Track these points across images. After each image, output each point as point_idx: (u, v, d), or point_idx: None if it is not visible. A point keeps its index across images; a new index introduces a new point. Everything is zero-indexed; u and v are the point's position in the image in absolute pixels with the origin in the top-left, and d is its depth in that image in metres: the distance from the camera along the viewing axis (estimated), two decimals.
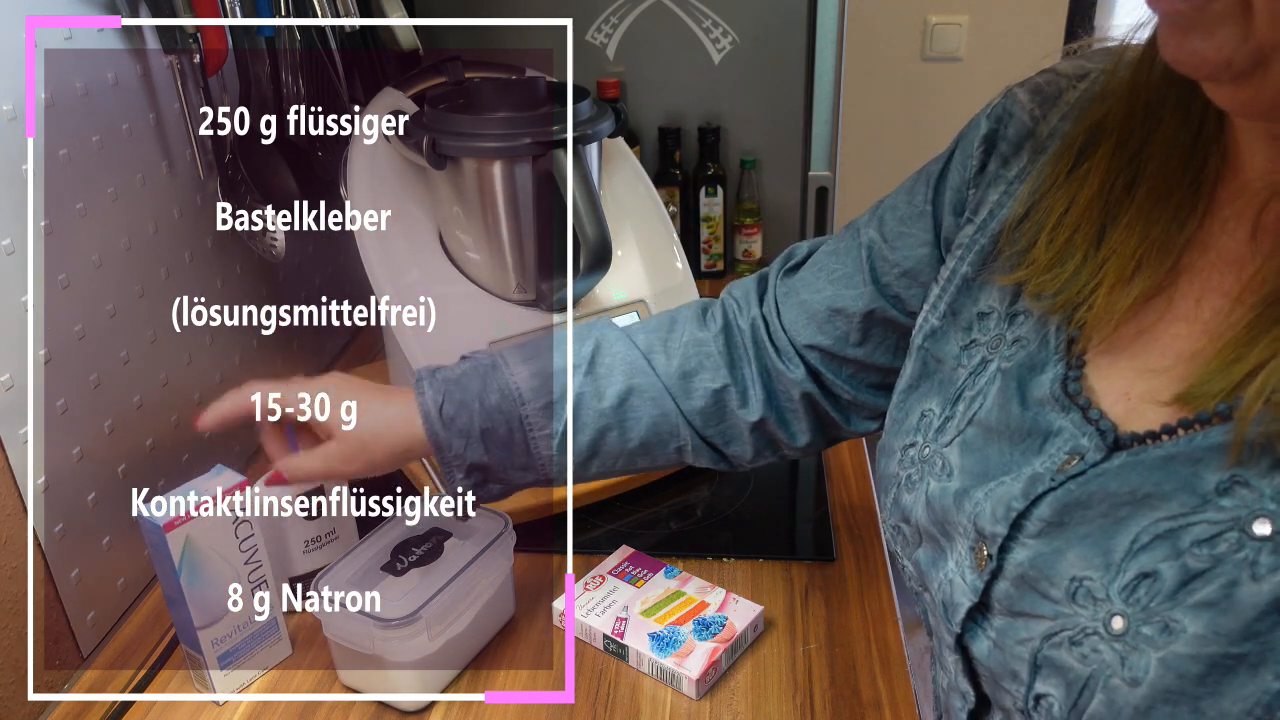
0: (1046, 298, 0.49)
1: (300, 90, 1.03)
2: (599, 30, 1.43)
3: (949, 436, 0.53)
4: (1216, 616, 0.38)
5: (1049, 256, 0.49)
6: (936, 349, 0.57)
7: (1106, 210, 0.48)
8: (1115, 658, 0.41)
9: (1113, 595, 0.42)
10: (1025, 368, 0.50)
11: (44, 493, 0.75)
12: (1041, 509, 0.46)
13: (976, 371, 0.53)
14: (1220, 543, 0.39)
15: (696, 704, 0.72)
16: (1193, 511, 0.40)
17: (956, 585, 0.50)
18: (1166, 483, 0.41)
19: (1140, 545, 0.41)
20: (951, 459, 0.52)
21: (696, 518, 0.95)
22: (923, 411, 0.56)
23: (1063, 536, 0.45)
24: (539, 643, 0.79)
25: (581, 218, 0.87)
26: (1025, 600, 0.46)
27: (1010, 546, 0.47)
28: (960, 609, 0.50)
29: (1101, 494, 0.44)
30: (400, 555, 0.75)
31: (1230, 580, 0.38)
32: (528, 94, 0.93)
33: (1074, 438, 0.46)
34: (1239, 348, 0.40)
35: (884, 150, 2.03)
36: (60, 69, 0.77)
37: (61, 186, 0.77)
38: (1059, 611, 0.44)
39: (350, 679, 0.75)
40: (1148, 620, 0.40)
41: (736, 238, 1.52)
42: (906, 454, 0.56)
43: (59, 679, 0.78)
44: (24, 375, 0.73)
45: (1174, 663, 0.39)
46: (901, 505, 0.56)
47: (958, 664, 0.52)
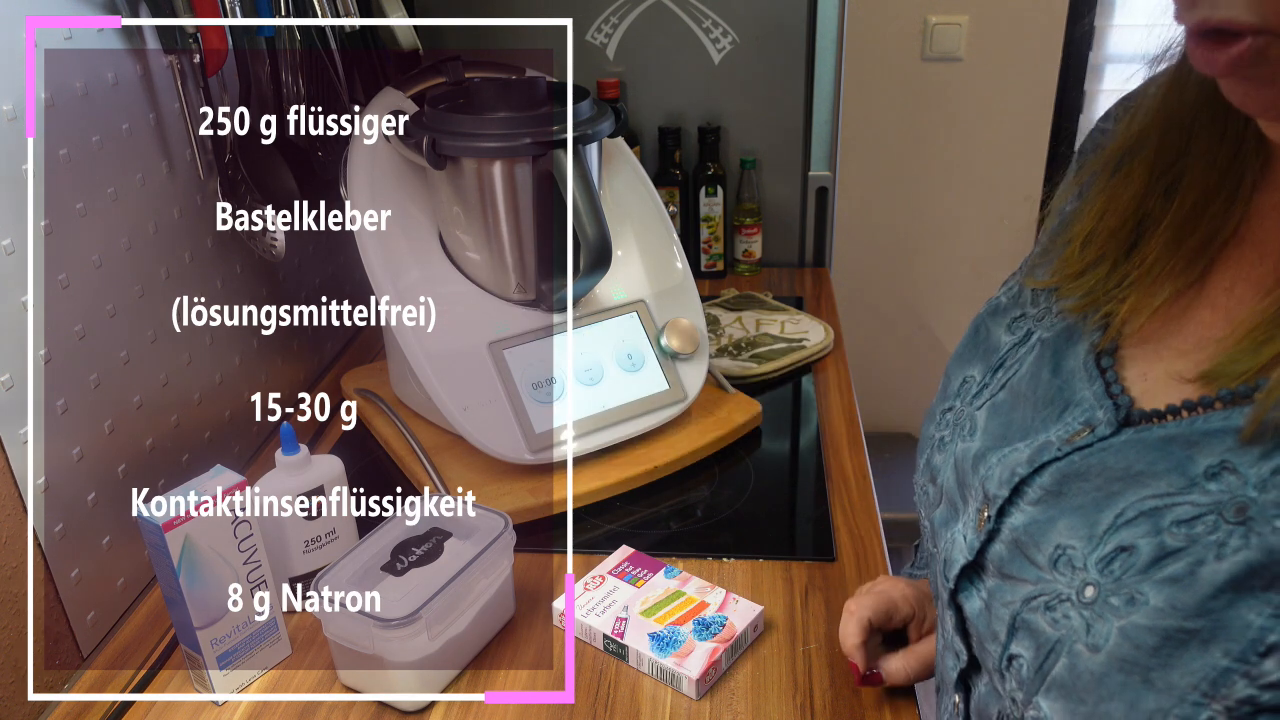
0: (1075, 299, 0.51)
1: (300, 90, 1.03)
2: (599, 30, 1.43)
3: (983, 400, 0.55)
4: (1177, 592, 0.39)
5: (1080, 264, 0.51)
6: (991, 321, 0.59)
7: (1141, 220, 0.49)
8: (1082, 624, 0.42)
9: (1090, 565, 0.43)
10: (1064, 338, 0.52)
11: (44, 493, 0.75)
12: (1044, 477, 0.47)
13: (1021, 342, 0.55)
14: (1198, 524, 0.40)
15: (696, 704, 0.72)
16: (1179, 492, 0.41)
17: (957, 544, 0.52)
18: (1160, 463, 0.42)
19: (1124, 520, 0.42)
20: (979, 420, 0.54)
21: (696, 518, 0.95)
22: (964, 378, 0.58)
23: (1057, 506, 0.46)
24: (539, 643, 0.79)
25: (581, 218, 0.87)
26: (1014, 564, 0.47)
27: (1009, 510, 0.48)
28: (955, 565, 0.52)
29: (1099, 468, 0.45)
30: (400, 555, 0.75)
31: (1198, 559, 0.39)
32: (528, 94, 0.93)
33: (1091, 409, 0.47)
34: (1269, 329, 0.41)
35: (884, 150, 2.04)
36: (60, 69, 0.77)
37: (61, 186, 0.77)
38: (1040, 577, 0.45)
39: (350, 679, 0.75)
40: (1116, 591, 0.41)
41: (736, 238, 1.52)
42: (945, 417, 0.58)
43: (59, 679, 0.78)
44: (24, 375, 0.73)
45: (1132, 632, 0.40)
46: (932, 466, 0.58)
47: (953, 622, 0.53)
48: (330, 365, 1.28)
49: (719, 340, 1.26)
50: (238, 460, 1.05)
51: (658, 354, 1.01)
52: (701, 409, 1.06)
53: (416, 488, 0.98)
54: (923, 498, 0.59)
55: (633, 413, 0.98)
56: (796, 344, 1.24)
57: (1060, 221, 0.56)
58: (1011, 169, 2.03)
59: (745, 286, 1.48)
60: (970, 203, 2.08)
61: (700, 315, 1.06)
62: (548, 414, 0.94)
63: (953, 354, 0.62)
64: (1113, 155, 0.52)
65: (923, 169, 2.05)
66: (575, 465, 0.95)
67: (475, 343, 0.94)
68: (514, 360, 0.94)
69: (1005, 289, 0.61)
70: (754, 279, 1.54)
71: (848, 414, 1.13)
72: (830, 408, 1.14)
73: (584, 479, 0.95)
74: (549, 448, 0.94)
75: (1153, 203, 0.49)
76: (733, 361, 1.21)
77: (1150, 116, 0.50)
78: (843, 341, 1.30)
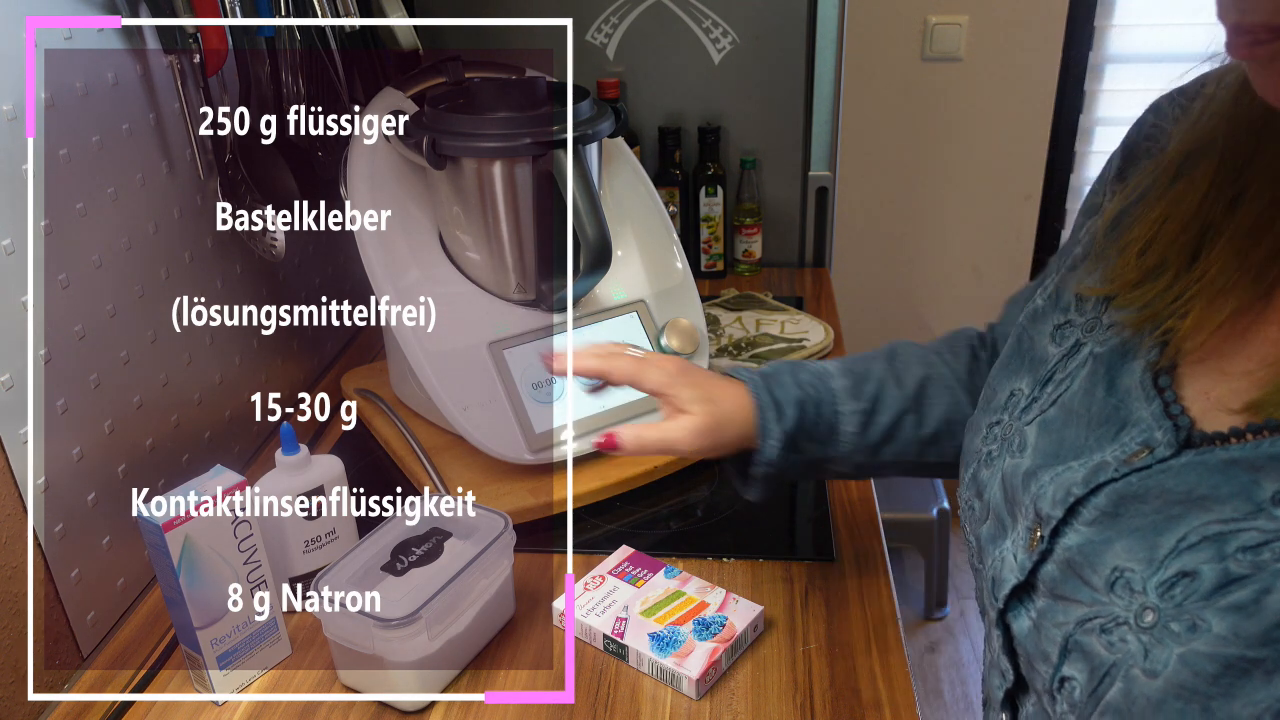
0: (1133, 311, 0.49)
1: (300, 90, 1.03)
2: (599, 30, 1.43)
3: (1032, 415, 0.54)
4: (1241, 620, 0.38)
5: (1139, 273, 0.49)
6: (1033, 328, 0.58)
7: (1204, 229, 0.47)
8: (1140, 649, 0.41)
9: (1149, 589, 0.42)
10: (1118, 354, 0.50)
11: (44, 493, 0.75)
12: (1100, 498, 0.46)
13: (1070, 354, 0.53)
14: (1265, 551, 0.38)
15: (696, 704, 0.72)
16: (1245, 518, 0.40)
17: (1007, 563, 0.51)
18: (1224, 486, 0.41)
19: (1187, 545, 0.41)
20: (1029, 437, 0.53)
21: (696, 518, 0.95)
22: (1012, 390, 0.57)
23: (1114, 527, 0.45)
24: (539, 643, 0.79)
25: (581, 218, 0.87)
26: (1068, 585, 0.46)
27: (1063, 531, 0.47)
28: (1006, 585, 0.51)
29: (1159, 490, 0.44)
30: (400, 555, 0.75)
31: (1264, 587, 0.38)
32: (528, 94, 0.93)
33: (1149, 430, 0.46)
34: None
35: (884, 150, 2.04)
36: (60, 69, 0.77)
37: (61, 186, 0.77)
38: (1096, 599, 0.44)
39: (350, 679, 0.75)
40: (1178, 617, 0.40)
41: (736, 238, 1.52)
42: (991, 431, 0.57)
43: (59, 679, 0.78)
44: (24, 375, 0.73)
45: (1192, 660, 0.39)
46: (979, 481, 0.56)
47: (1000, 641, 0.52)
48: (330, 365, 1.28)
49: (719, 340, 1.26)
50: (238, 460, 1.05)
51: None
52: None
53: (416, 488, 0.98)
54: (968, 513, 0.58)
55: (633, 413, 0.98)
56: (796, 344, 1.25)
57: (1113, 225, 0.53)
58: (1011, 169, 2.03)
59: (745, 286, 1.48)
60: (970, 203, 2.08)
61: (700, 315, 1.06)
62: (548, 414, 0.94)
63: (996, 363, 0.61)
64: (1174, 158, 0.50)
65: (923, 169, 2.04)
66: (575, 465, 0.95)
67: (475, 343, 0.94)
68: (514, 360, 0.94)
69: (1041, 291, 0.59)
70: (754, 279, 1.54)
71: None
72: None
73: (584, 479, 0.95)
74: (549, 448, 0.94)
75: (1217, 211, 0.46)
76: (733, 361, 1.21)
77: (1216, 120, 0.47)
78: (843, 341, 1.30)
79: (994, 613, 0.52)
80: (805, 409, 0.71)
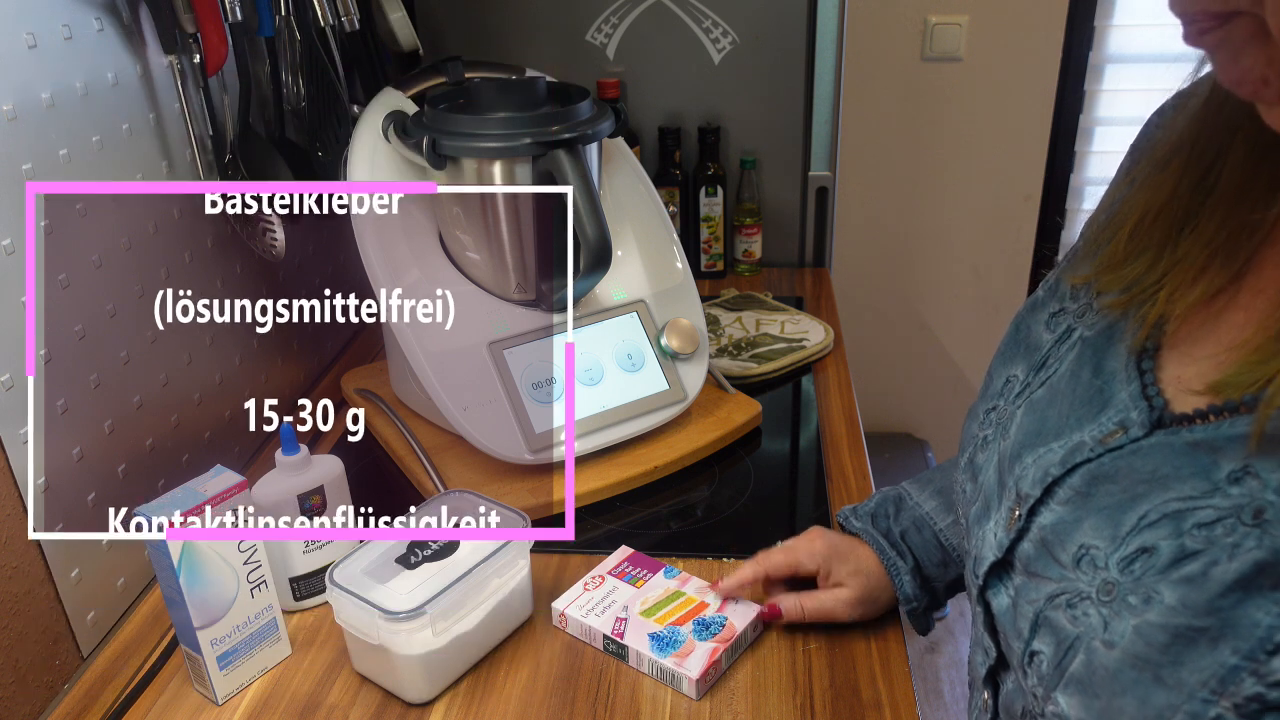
0: (1116, 293, 0.51)
1: (300, 90, 1.03)
2: (599, 30, 1.43)
3: (1024, 398, 0.55)
4: (1190, 591, 0.40)
5: (1123, 255, 0.51)
6: (1030, 317, 0.59)
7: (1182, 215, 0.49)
8: (1100, 621, 0.43)
9: (1111, 564, 0.44)
10: (1105, 337, 0.52)
11: (44, 493, 0.75)
12: (1075, 478, 0.48)
13: (1061, 339, 0.55)
14: (1218, 527, 0.40)
15: (696, 704, 0.72)
16: (1202, 496, 0.41)
17: (988, 541, 0.53)
18: (1185, 467, 0.43)
19: (1147, 522, 0.43)
20: (1017, 418, 0.55)
21: (696, 518, 0.95)
22: (1008, 377, 0.58)
23: (1085, 506, 0.46)
24: (539, 642, 0.79)
25: (581, 218, 0.87)
26: (1040, 562, 0.48)
27: (1039, 510, 0.49)
28: (985, 563, 0.52)
29: (1128, 470, 0.45)
30: (416, 549, 0.76)
31: (1212, 560, 0.39)
32: (528, 94, 0.93)
33: (1125, 410, 0.48)
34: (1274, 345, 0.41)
35: (884, 150, 2.04)
36: (60, 69, 0.77)
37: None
38: (1064, 575, 0.46)
39: (360, 667, 0.75)
40: (1135, 590, 0.42)
41: (736, 238, 1.52)
42: (988, 416, 0.58)
43: (59, 679, 0.78)
44: (24, 375, 0.73)
45: (1145, 630, 0.41)
46: (974, 465, 0.58)
47: (983, 619, 0.54)
48: (330, 365, 1.28)
49: (719, 340, 1.26)
50: (238, 460, 1.04)
51: (658, 354, 1.01)
52: (701, 409, 1.06)
53: (417, 488, 0.98)
54: (960, 495, 0.60)
55: (633, 413, 0.98)
56: (796, 344, 1.25)
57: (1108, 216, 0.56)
58: (1011, 169, 2.03)
59: (745, 286, 1.48)
60: (970, 203, 2.08)
61: (700, 315, 1.06)
62: (548, 414, 0.94)
63: (995, 353, 0.62)
64: (1163, 150, 0.52)
65: (923, 169, 2.04)
66: (575, 465, 0.95)
67: (475, 343, 0.94)
68: (514, 360, 0.94)
69: (1044, 284, 0.61)
70: (754, 279, 1.54)
71: (847, 414, 1.13)
72: (830, 408, 1.14)
73: (584, 479, 0.95)
74: (549, 448, 0.94)
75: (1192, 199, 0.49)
76: (733, 361, 1.21)
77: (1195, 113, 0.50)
78: (843, 341, 1.30)
79: (975, 590, 0.54)
80: (913, 542, 0.78)
